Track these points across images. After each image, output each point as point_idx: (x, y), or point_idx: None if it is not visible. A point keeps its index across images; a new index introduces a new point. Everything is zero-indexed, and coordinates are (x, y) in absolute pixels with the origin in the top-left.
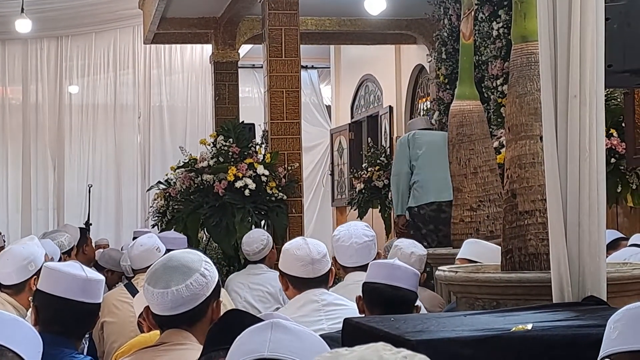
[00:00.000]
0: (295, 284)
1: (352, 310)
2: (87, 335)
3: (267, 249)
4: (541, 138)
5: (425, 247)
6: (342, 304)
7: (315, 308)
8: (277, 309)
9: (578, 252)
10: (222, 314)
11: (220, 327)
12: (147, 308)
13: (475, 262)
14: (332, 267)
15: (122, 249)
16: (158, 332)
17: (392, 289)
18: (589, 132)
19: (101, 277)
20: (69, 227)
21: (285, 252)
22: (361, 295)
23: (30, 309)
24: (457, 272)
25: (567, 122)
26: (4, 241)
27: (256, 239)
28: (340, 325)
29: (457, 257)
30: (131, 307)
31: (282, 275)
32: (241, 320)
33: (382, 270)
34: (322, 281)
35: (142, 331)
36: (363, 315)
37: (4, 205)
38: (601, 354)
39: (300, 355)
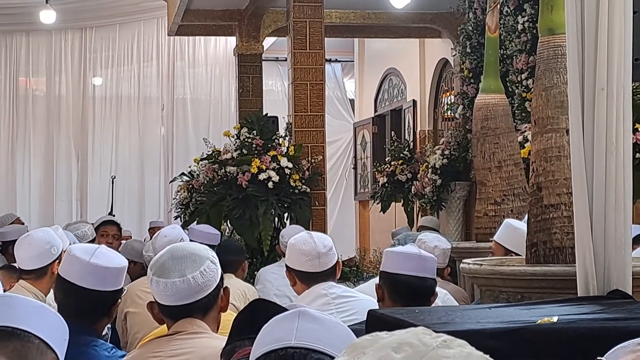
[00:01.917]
0: (303, 279)
1: (361, 301)
2: (109, 325)
3: None
4: (567, 131)
5: None
6: (351, 295)
7: (325, 302)
8: None
9: (604, 245)
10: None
11: (245, 316)
12: (150, 304)
13: (510, 251)
14: (339, 260)
15: (144, 240)
16: None
17: (420, 280)
18: (615, 125)
19: (120, 264)
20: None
21: (291, 248)
22: (380, 282)
23: (49, 294)
24: (481, 265)
25: (594, 115)
26: (28, 232)
27: (296, 232)
28: (352, 317)
29: (493, 238)
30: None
31: (289, 270)
32: (266, 309)
33: (409, 262)
34: (329, 275)
35: None
36: (381, 302)
37: (26, 196)
38: None
39: (327, 344)
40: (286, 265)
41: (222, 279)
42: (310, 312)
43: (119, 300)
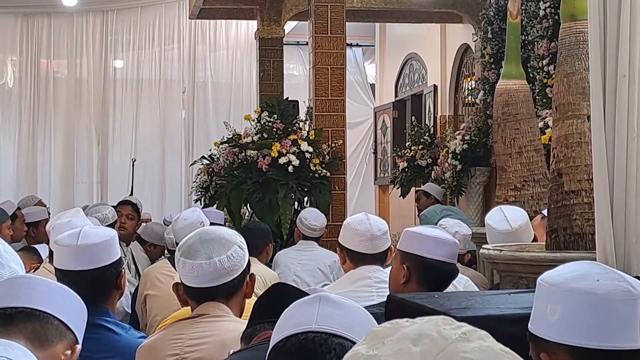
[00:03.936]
0: (353, 258)
1: None
2: (130, 310)
3: (324, 228)
4: (588, 117)
5: None
6: None
7: (367, 284)
8: (325, 285)
9: (624, 232)
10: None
11: (266, 300)
12: (176, 284)
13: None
14: (392, 246)
15: (164, 222)
16: None
17: (449, 266)
18: (637, 111)
19: (109, 235)
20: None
21: (346, 226)
22: (407, 264)
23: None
24: (501, 250)
25: (616, 101)
26: (49, 214)
27: (320, 216)
28: None
29: None
30: (174, 280)
31: (341, 248)
32: (287, 294)
33: (442, 248)
34: (379, 258)
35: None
36: (406, 283)
37: (47, 178)
38: (536, 329)
39: (348, 329)
40: (339, 243)
41: (249, 265)
42: (331, 297)
43: (122, 270)
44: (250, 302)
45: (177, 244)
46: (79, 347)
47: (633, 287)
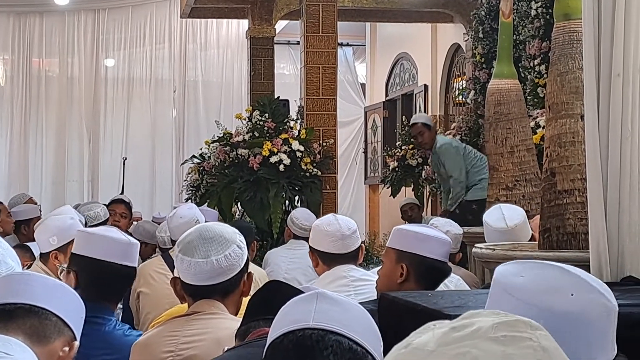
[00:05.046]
0: (325, 260)
1: None
2: (120, 305)
3: None
4: (582, 117)
5: None
6: (370, 279)
7: (344, 283)
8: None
9: (617, 231)
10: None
11: (260, 297)
12: (174, 279)
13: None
14: (362, 244)
15: (152, 220)
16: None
17: (445, 265)
18: (631, 111)
19: (137, 241)
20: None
21: (316, 228)
22: (405, 263)
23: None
24: (494, 249)
25: (610, 101)
26: (40, 212)
27: (311, 216)
28: (370, 301)
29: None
30: (167, 278)
31: (312, 251)
32: (281, 291)
33: (442, 248)
34: (352, 257)
35: None
36: (404, 282)
37: (38, 176)
38: None
39: (345, 326)
40: (310, 246)
41: (247, 264)
42: (328, 294)
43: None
44: (246, 300)
45: (172, 240)
46: (76, 343)
47: (608, 300)
